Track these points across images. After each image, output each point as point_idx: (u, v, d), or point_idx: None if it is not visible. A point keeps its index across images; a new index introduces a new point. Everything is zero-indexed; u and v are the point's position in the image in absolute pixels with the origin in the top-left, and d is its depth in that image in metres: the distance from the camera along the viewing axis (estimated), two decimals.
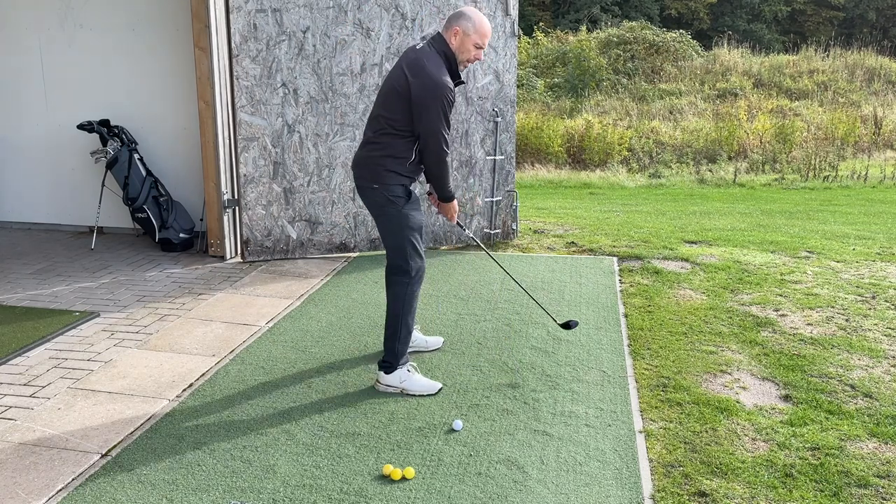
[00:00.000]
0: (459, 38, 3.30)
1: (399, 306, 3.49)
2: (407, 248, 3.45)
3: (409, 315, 3.52)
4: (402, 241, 3.45)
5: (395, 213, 3.42)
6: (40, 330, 4.29)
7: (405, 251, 3.45)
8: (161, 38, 6.16)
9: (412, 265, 3.47)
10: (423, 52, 3.32)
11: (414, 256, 3.47)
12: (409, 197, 3.44)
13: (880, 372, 3.79)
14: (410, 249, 3.46)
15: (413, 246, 3.46)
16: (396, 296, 3.50)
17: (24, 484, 2.76)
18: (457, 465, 2.90)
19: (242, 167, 5.50)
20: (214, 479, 2.80)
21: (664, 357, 3.96)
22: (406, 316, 3.51)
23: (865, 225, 7.93)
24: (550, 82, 20.66)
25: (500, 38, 5.91)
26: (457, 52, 3.33)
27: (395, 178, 3.39)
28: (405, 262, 3.46)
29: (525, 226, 7.17)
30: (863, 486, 2.77)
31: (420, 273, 3.51)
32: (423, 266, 3.53)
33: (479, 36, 3.31)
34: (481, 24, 3.32)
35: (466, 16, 3.31)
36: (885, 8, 31.31)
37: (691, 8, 30.57)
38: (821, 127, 15.94)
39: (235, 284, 5.22)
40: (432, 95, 3.21)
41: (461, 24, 3.30)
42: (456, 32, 3.31)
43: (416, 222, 3.46)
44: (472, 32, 3.29)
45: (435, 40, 3.36)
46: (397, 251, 3.47)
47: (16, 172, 6.81)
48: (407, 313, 3.51)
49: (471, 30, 3.29)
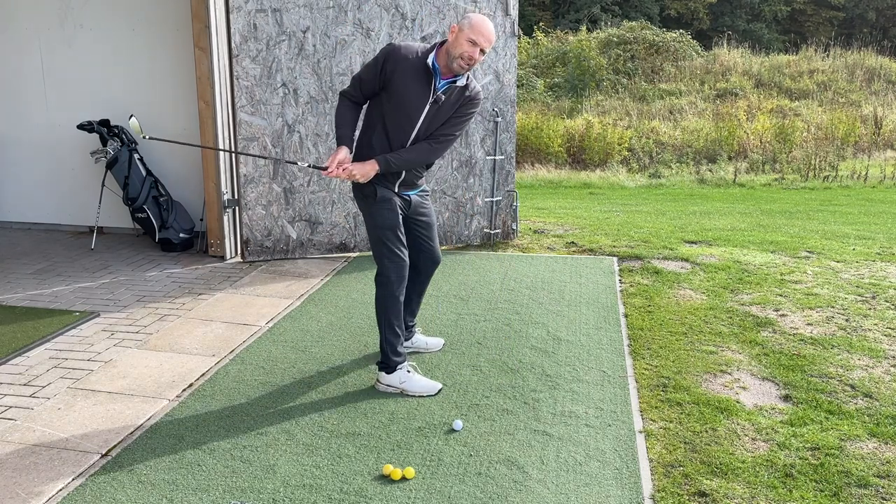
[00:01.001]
0: (455, 33, 3.30)
1: (380, 309, 3.50)
2: (380, 247, 3.45)
3: (392, 315, 3.49)
4: (376, 241, 3.46)
5: (366, 212, 3.47)
6: (40, 330, 4.29)
7: (380, 251, 3.46)
8: (161, 38, 6.16)
9: (385, 265, 3.45)
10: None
11: (388, 256, 3.44)
12: (375, 196, 3.42)
13: (880, 372, 3.79)
14: (384, 249, 3.44)
15: (386, 246, 3.44)
16: (377, 298, 3.51)
17: (24, 484, 2.76)
18: (457, 465, 2.90)
19: (242, 167, 5.50)
20: (214, 479, 2.80)
21: (664, 357, 3.96)
22: (389, 318, 3.49)
23: (865, 225, 7.93)
24: (550, 82, 20.66)
25: (500, 38, 5.91)
26: (450, 46, 3.30)
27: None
28: (381, 264, 3.47)
29: (525, 226, 7.18)
30: (863, 486, 2.77)
31: (397, 273, 3.46)
32: (400, 265, 3.46)
33: (474, 32, 3.26)
34: (480, 24, 3.28)
35: (469, 17, 3.32)
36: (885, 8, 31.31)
37: (691, 8, 30.56)
38: (821, 127, 15.94)
39: (235, 284, 5.22)
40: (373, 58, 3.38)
41: (460, 23, 3.31)
42: (454, 30, 3.31)
43: (384, 222, 3.43)
44: (466, 28, 3.27)
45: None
46: (374, 251, 3.50)
47: (16, 172, 6.81)
48: (390, 315, 3.49)
49: (466, 26, 3.27)
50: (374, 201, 3.43)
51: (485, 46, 3.31)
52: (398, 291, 3.49)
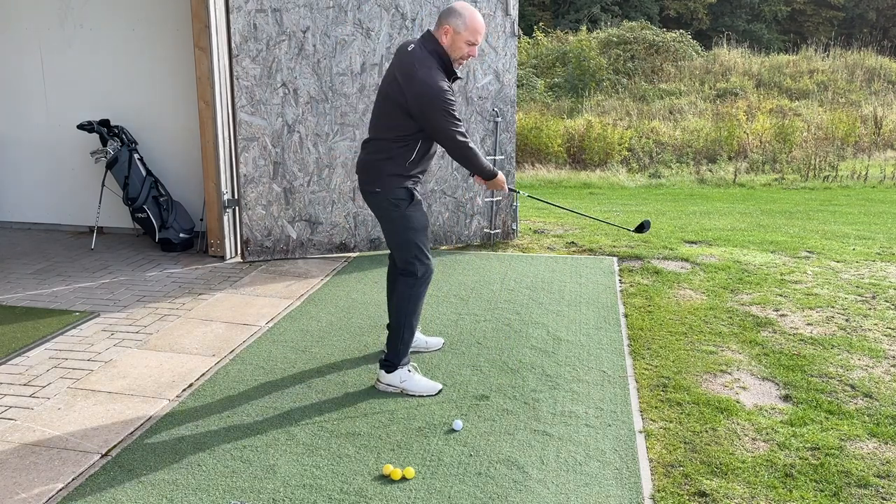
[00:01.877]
0: (450, 36, 3.24)
1: (404, 307, 3.49)
2: (412, 249, 3.44)
3: (414, 316, 3.52)
4: (408, 244, 3.44)
5: (398, 216, 3.42)
6: (40, 330, 4.29)
7: (411, 253, 3.45)
8: (161, 38, 6.16)
9: (418, 266, 3.46)
10: (415, 55, 3.24)
11: (420, 257, 3.46)
12: (411, 199, 3.42)
13: (880, 372, 3.79)
14: (416, 251, 3.45)
15: (418, 247, 3.45)
16: (402, 296, 3.49)
17: (24, 484, 2.76)
18: (457, 465, 2.90)
19: (242, 167, 5.50)
20: (214, 479, 2.80)
21: (664, 357, 3.96)
22: (411, 317, 3.50)
23: (865, 225, 7.93)
24: (550, 82, 20.65)
25: (500, 38, 5.91)
26: (449, 50, 3.26)
27: (397, 180, 3.38)
28: (411, 264, 3.46)
29: (525, 226, 7.18)
30: (863, 486, 2.77)
31: (427, 274, 3.50)
32: (430, 266, 3.51)
33: (471, 33, 3.23)
34: (472, 20, 3.23)
35: (457, 12, 3.23)
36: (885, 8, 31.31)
37: (691, 8, 30.56)
38: (821, 127, 15.94)
39: (235, 284, 5.22)
40: (430, 104, 3.18)
41: (451, 22, 3.23)
42: (447, 31, 3.24)
43: (419, 223, 3.45)
44: (462, 30, 3.22)
45: (426, 40, 3.29)
46: (403, 253, 3.47)
47: (16, 172, 6.81)
48: (412, 314, 3.50)
49: (461, 27, 3.22)
50: (411, 203, 3.41)
51: (481, 41, 3.33)
52: (425, 293, 3.53)
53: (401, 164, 3.36)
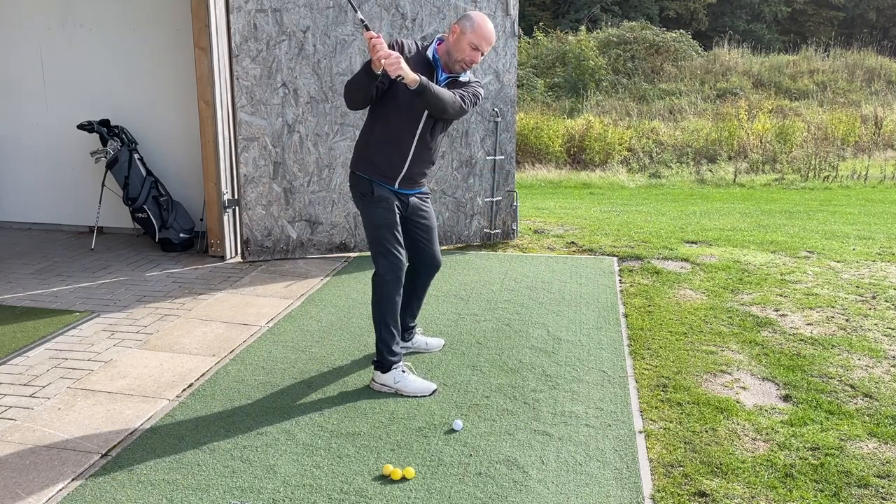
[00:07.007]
0: (456, 35, 3.28)
1: (376, 310, 3.48)
2: (376, 246, 3.44)
3: (388, 315, 3.47)
4: (373, 240, 3.45)
5: (363, 209, 3.47)
6: (40, 330, 4.29)
7: (375, 249, 3.44)
8: (161, 38, 6.16)
9: (381, 264, 3.43)
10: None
11: (383, 255, 3.42)
12: (372, 194, 3.41)
13: (880, 372, 3.79)
14: (379, 247, 3.43)
15: (381, 244, 3.42)
16: (372, 299, 3.50)
17: (24, 484, 2.76)
18: (457, 465, 2.90)
19: (242, 167, 5.50)
20: (214, 479, 2.80)
21: (664, 357, 3.96)
22: (384, 316, 3.47)
23: (865, 225, 7.93)
24: (550, 82, 20.65)
25: (500, 38, 5.91)
26: (451, 48, 3.29)
27: (363, 165, 3.42)
28: (376, 262, 3.46)
29: (525, 226, 7.18)
30: (863, 486, 2.77)
31: (393, 274, 3.43)
32: (396, 265, 3.43)
33: (476, 37, 3.26)
34: (482, 27, 3.27)
35: (470, 17, 3.30)
36: (885, 8, 31.31)
37: (691, 8, 30.55)
38: (821, 127, 15.93)
39: (235, 284, 5.21)
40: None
41: (461, 23, 3.29)
42: (454, 30, 3.29)
43: (382, 220, 3.42)
44: (468, 31, 3.26)
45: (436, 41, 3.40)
46: (371, 249, 3.48)
47: (16, 172, 6.81)
48: (386, 315, 3.47)
49: (468, 29, 3.26)
50: (371, 199, 3.42)
51: (486, 50, 3.32)
52: (395, 292, 3.46)
53: (366, 140, 3.41)
